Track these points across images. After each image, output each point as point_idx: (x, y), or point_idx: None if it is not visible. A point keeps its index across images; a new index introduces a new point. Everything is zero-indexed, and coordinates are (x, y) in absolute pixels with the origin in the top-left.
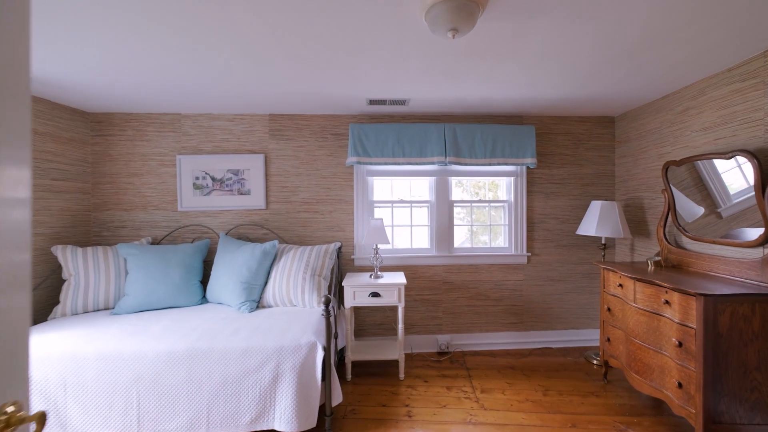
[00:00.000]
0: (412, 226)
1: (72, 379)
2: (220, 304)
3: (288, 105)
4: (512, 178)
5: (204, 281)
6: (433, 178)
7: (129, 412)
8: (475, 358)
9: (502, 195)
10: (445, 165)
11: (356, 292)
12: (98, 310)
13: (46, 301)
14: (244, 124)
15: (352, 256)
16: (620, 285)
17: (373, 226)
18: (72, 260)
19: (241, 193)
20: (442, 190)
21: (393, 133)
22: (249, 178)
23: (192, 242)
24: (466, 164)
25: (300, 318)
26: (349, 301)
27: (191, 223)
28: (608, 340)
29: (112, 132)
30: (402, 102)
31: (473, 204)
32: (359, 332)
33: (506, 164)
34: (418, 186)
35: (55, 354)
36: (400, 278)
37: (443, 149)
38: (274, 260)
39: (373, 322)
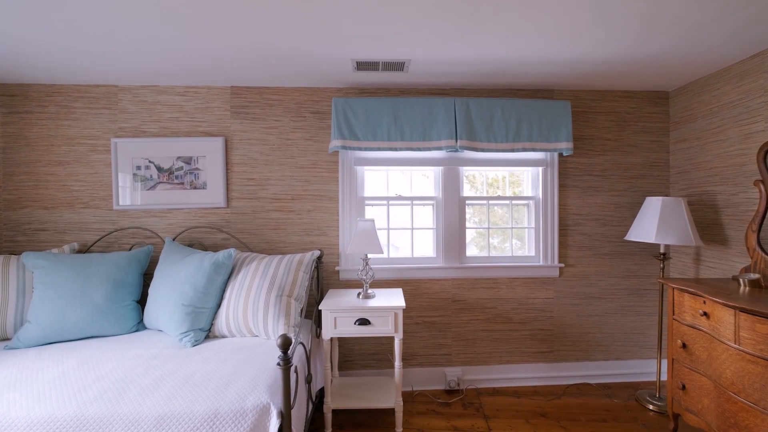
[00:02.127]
0: (413, 229)
1: None
2: (161, 331)
3: (254, 74)
4: (540, 169)
5: (144, 301)
6: (440, 168)
7: None
8: (495, 399)
9: (527, 190)
10: (456, 151)
11: (338, 318)
12: None
13: None
14: (199, 98)
15: (337, 268)
16: (705, 314)
17: (362, 230)
18: None
19: (195, 187)
20: (452, 184)
21: (388, 109)
22: (205, 167)
23: (130, 249)
24: (482, 150)
25: (255, 359)
26: (329, 331)
27: (131, 225)
28: (683, 387)
29: (29, 108)
30: (400, 65)
31: (490, 202)
32: (345, 364)
33: (534, 150)
34: (421, 178)
35: None
36: (396, 298)
37: (453, 131)
38: (231, 274)
39: (362, 351)
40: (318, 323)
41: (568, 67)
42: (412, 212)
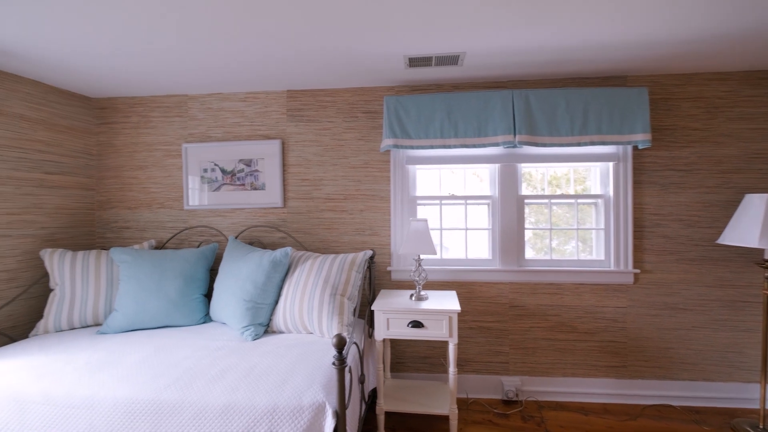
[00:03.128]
0: (467, 229)
1: (15, 428)
2: (224, 324)
3: (308, 77)
4: (611, 164)
5: (210, 295)
6: (496, 165)
7: None
8: (558, 414)
9: (594, 188)
10: (514, 146)
11: (391, 319)
12: (87, 326)
13: (31, 315)
14: (258, 103)
15: (389, 268)
16: None
17: (415, 230)
18: (59, 267)
19: (255, 188)
20: (509, 182)
21: (441, 105)
22: (263, 169)
23: (198, 247)
24: (543, 145)
25: (310, 357)
26: (381, 332)
27: (199, 224)
28: None
29: (117, 119)
30: (454, 59)
31: (552, 201)
32: (397, 365)
33: (603, 143)
34: (473, 178)
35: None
36: (451, 301)
37: (511, 125)
38: (288, 272)
39: (414, 354)
40: (370, 323)
41: (644, 50)
42: (466, 212)
